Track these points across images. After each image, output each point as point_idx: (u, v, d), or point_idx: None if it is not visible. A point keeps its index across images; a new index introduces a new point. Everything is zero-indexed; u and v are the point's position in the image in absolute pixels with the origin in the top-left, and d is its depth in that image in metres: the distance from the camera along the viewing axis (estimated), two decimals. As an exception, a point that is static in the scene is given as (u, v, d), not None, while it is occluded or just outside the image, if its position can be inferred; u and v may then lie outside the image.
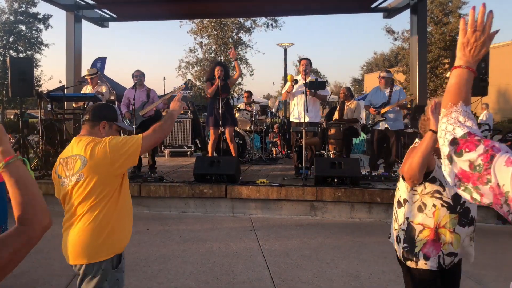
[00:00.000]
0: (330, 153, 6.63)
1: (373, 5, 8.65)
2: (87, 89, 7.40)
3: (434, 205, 1.97)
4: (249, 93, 9.57)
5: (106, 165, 1.95)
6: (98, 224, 1.96)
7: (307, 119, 6.11)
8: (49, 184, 6.07)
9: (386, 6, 8.85)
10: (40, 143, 6.71)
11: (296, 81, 6.32)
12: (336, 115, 7.59)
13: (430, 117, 1.89)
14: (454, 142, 1.18)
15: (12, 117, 20.84)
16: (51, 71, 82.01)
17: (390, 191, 5.44)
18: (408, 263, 2.04)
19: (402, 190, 2.11)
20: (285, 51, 15.58)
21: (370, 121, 6.90)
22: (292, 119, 6.69)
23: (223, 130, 6.82)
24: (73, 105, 7.40)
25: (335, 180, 5.63)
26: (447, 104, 1.25)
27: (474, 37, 1.23)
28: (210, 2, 8.75)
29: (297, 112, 6.46)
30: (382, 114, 6.60)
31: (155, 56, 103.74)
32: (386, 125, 6.63)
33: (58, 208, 2.18)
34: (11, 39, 22.00)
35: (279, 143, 10.36)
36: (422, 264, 2.00)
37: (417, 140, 2.08)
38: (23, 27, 22.30)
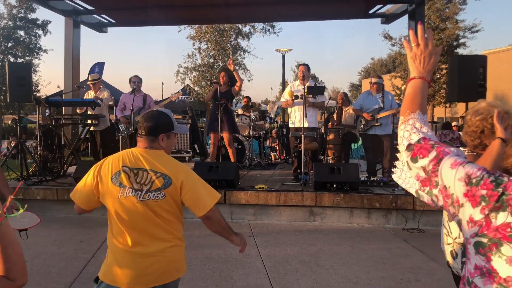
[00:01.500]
0: (329, 158, 6.63)
1: (371, 11, 8.70)
2: (90, 95, 7.39)
3: None
4: (248, 99, 9.59)
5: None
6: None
7: (306, 124, 6.11)
8: (47, 189, 6.06)
9: (384, 12, 8.90)
10: (38, 148, 6.69)
11: (297, 97, 6.39)
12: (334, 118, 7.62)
13: (496, 125, 1.80)
14: (409, 148, 1.23)
15: (9, 122, 20.81)
16: (49, 77, 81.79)
17: (389, 196, 5.44)
18: None
19: None
20: (283, 56, 15.65)
21: (362, 126, 6.90)
22: (290, 124, 6.71)
23: (221, 135, 6.82)
24: (78, 110, 7.36)
25: (334, 186, 5.62)
26: (406, 112, 1.31)
27: (419, 50, 1.33)
28: (209, 7, 8.79)
29: (294, 117, 6.48)
30: (378, 119, 6.64)
31: (153, 61, 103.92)
32: (381, 130, 6.67)
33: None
34: (9, 45, 21.98)
35: (277, 148, 10.36)
36: None
37: (461, 148, 1.96)
38: (22, 33, 22.28)
